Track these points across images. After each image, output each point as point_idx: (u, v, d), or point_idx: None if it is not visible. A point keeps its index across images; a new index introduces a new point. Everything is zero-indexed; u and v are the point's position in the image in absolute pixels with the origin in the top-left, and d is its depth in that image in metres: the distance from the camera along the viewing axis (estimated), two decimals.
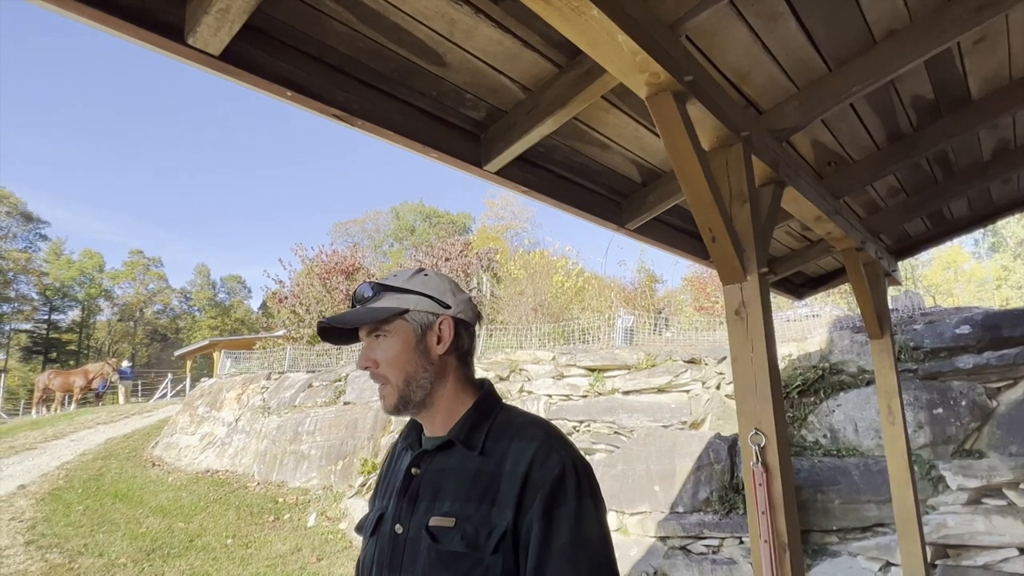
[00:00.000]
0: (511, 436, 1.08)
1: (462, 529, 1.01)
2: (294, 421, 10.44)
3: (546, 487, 1.00)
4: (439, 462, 1.11)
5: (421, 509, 1.07)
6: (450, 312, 1.16)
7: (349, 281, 17.83)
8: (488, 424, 1.12)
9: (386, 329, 1.14)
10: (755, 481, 1.77)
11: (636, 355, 8.29)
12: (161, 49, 1.42)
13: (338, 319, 1.16)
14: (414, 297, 1.15)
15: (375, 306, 1.15)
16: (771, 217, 2.20)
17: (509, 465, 1.04)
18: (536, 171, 2.47)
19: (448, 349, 1.15)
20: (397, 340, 1.13)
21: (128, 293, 53.35)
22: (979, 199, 3.88)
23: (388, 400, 1.13)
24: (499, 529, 0.99)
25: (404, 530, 1.07)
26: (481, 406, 1.15)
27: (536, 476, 1.01)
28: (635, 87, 1.67)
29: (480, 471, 1.06)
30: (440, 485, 1.08)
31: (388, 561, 1.07)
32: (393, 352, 1.13)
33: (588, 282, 17.12)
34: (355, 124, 1.80)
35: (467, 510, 1.02)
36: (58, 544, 7.06)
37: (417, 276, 1.19)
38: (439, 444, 1.12)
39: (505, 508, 1.00)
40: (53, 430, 14.91)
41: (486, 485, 1.04)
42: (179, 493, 9.58)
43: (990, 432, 5.38)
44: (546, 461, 1.02)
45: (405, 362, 1.12)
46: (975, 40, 2.19)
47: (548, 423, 1.14)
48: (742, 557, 5.34)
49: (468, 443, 1.09)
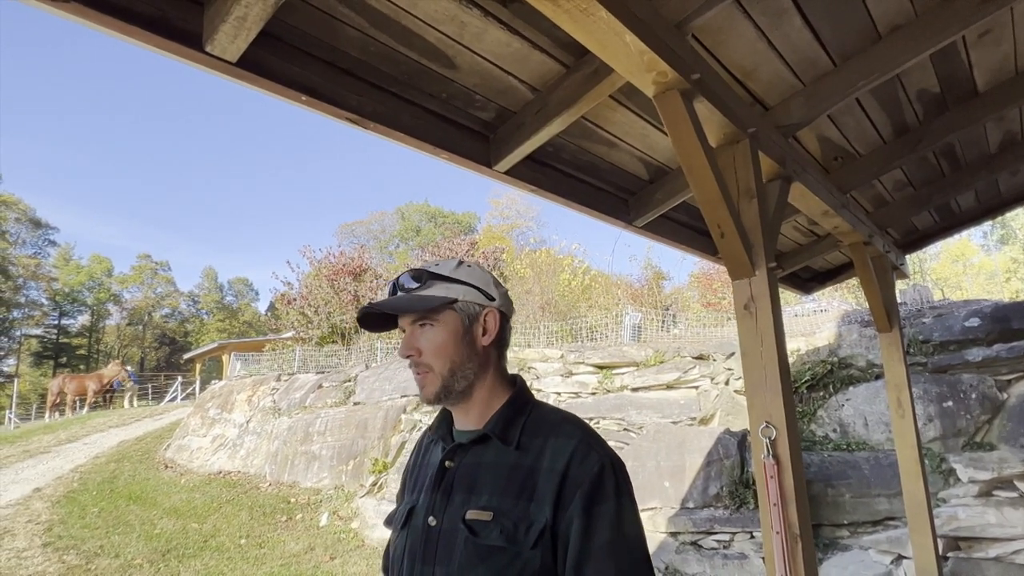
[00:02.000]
0: (547, 433, 1.08)
1: (500, 523, 1.01)
2: (305, 422, 10.50)
3: (586, 484, 1.00)
4: (474, 456, 1.11)
5: (456, 502, 1.07)
6: (494, 304, 1.16)
7: (357, 282, 17.87)
8: (523, 419, 1.12)
9: (435, 318, 1.12)
10: (766, 474, 1.79)
11: (644, 352, 8.30)
12: (180, 57, 1.46)
13: (387, 305, 1.14)
14: (462, 287, 1.14)
15: (424, 294, 1.13)
16: (779, 212, 2.22)
17: (547, 461, 1.04)
18: (545, 170, 2.49)
19: (492, 341, 1.16)
20: (444, 329, 1.12)
21: (136, 297, 53.77)
22: (987, 192, 3.88)
23: (429, 389, 1.12)
24: (538, 524, 0.99)
25: (438, 522, 1.07)
26: (516, 401, 1.15)
27: (575, 473, 1.01)
28: (643, 86, 1.69)
29: (517, 466, 1.06)
30: (476, 479, 1.08)
31: (421, 553, 1.06)
32: (439, 341, 1.11)
33: (595, 280, 17.13)
34: (367, 127, 1.83)
35: (505, 504, 1.02)
36: (75, 546, 7.14)
37: (462, 267, 1.17)
38: (474, 438, 1.12)
39: (544, 504, 1.00)
40: (66, 434, 15.06)
41: (523, 480, 1.04)
42: (192, 494, 9.66)
43: (1001, 424, 5.37)
44: (585, 459, 1.03)
45: (451, 352, 1.11)
46: (980, 33, 2.20)
47: (583, 421, 1.14)
48: (753, 552, 5.35)
49: (504, 438, 1.09)
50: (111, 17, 1.31)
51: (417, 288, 1.13)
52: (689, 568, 5.51)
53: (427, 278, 1.14)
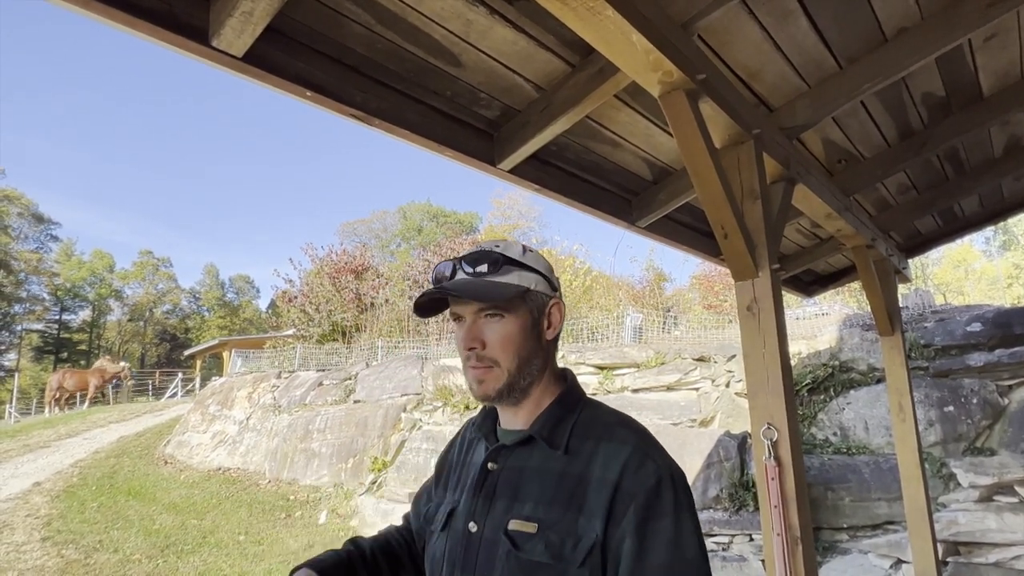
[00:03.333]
0: (599, 436, 0.98)
1: (545, 537, 0.91)
2: (305, 419, 10.51)
3: (640, 497, 0.90)
4: (518, 459, 1.01)
5: (499, 509, 0.98)
6: (558, 295, 1.08)
7: (359, 281, 17.90)
8: (572, 420, 1.02)
9: (506, 308, 1.00)
10: (767, 475, 1.79)
11: (645, 353, 8.30)
12: (186, 51, 1.46)
13: (456, 290, 1.00)
14: (534, 275, 1.03)
15: (498, 280, 1.00)
16: (782, 214, 2.21)
17: (598, 469, 0.94)
18: (548, 169, 2.49)
19: (555, 335, 1.07)
20: (515, 321, 1.01)
21: (138, 293, 53.79)
22: (990, 196, 3.88)
23: (491, 385, 1.00)
24: (587, 540, 0.89)
25: (479, 529, 0.98)
26: (565, 399, 1.05)
27: (629, 484, 0.91)
28: (648, 86, 1.69)
29: (565, 473, 0.96)
30: (520, 484, 0.98)
31: (461, 561, 0.98)
32: (509, 334, 1.00)
33: (596, 281, 17.12)
34: (372, 124, 1.83)
35: (551, 516, 0.92)
36: (74, 540, 7.15)
37: (528, 252, 1.06)
38: (519, 440, 1.02)
39: (593, 518, 0.90)
40: (66, 428, 15.07)
41: (572, 490, 0.94)
42: (191, 490, 9.67)
43: (1002, 430, 5.36)
44: (640, 468, 0.92)
45: (520, 346, 1.00)
46: (986, 37, 2.20)
47: (640, 425, 1.02)
48: (752, 554, 5.35)
49: (551, 441, 0.99)
50: (118, 11, 1.31)
51: (488, 273, 1.01)
52: None
53: (503, 263, 1.01)
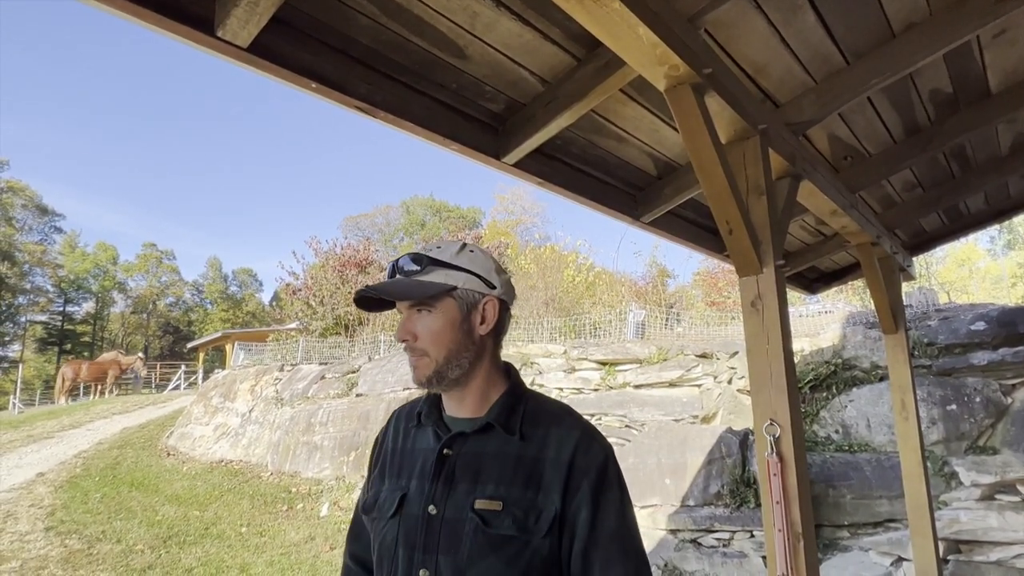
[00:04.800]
0: (548, 423, 1.10)
1: (511, 513, 1.02)
2: (307, 412, 10.53)
3: (592, 473, 1.05)
4: (475, 444, 1.10)
5: (460, 491, 1.05)
6: (495, 293, 1.14)
7: (363, 274, 17.92)
8: (522, 409, 1.12)
9: (432, 304, 1.10)
10: (769, 471, 1.79)
11: (647, 349, 8.29)
12: (191, 41, 1.45)
13: (383, 290, 1.11)
14: (463, 275, 1.11)
15: (423, 279, 1.10)
16: (787, 210, 2.21)
17: (552, 452, 1.06)
18: (553, 163, 2.48)
19: (490, 331, 1.14)
20: (442, 316, 1.10)
21: (141, 286, 54.01)
22: (996, 194, 3.86)
23: (422, 372, 1.10)
24: (548, 513, 1.02)
25: (439, 511, 1.05)
26: (515, 391, 1.16)
27: (581, 463, 1.05)
28: (654, 79, 1.68)
29: (521, 456, 1.06)
30: (480, 468, 1.07)
31: (422, 542, 1.04)
32: (436, 328, 1.09)
33: (599, 277, 17.11)
34: (377, 116, 1.83)
35: (513, 494, 1.03)
36: (77, 530, 7.19)
37: (464, 252, 1.15)
38: (477, 427, 1.10)
39: (552, 493, 1.03)
40: (70, 419, 15.16)
41: (530, 470, 1.05)
42: (194, 482, 9.71)
43: (1004, 429, 5.35)
44: (589, 449, 1.07)
45: (448, 340, 1.10)
46: (995, 33, 2.18)
47: (578, 413, 1.16)
48: (753, 551, 5.35)
49: (507, 427, 1.09)
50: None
51: (416, 272, 1.11)
52: (688, 566, 5.52)
53: (427, 263, 1.11)
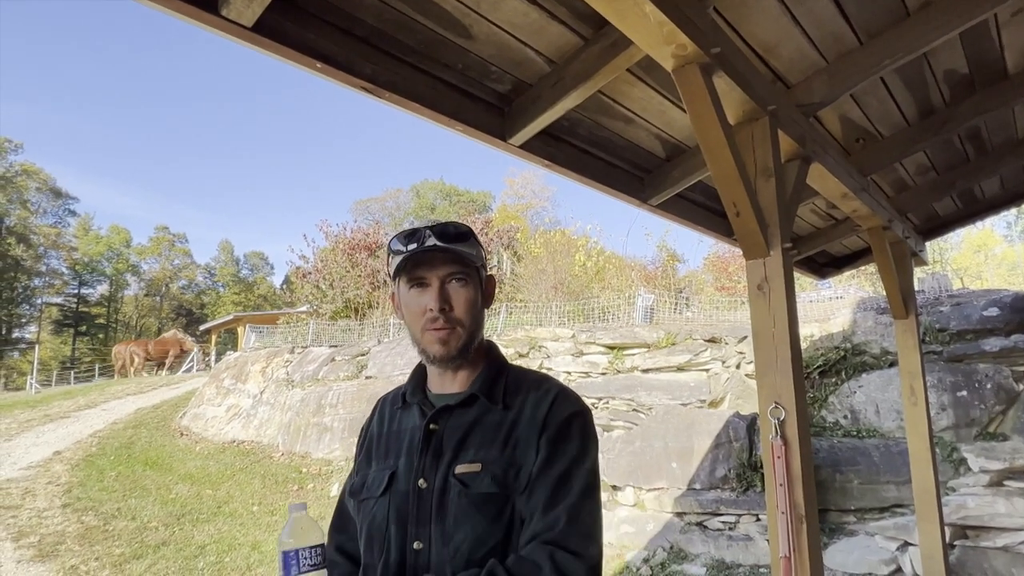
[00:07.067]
0: (528, 389, 1.14)
1: (491, 472, 1.04)
2: (317, 394, 10.64)
3: (557, 423, 1.08)
4: (459, 417, 1.12)
5: (446, 461, 1.08)
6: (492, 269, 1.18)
7: (373, 258, 17.97)
8: (503, 379, 1.16)
9: (468, 274, 1.13)
10: (774, 454, 1.79)
11: (656, 334, 8.29)
12: (195, 20, 1.45)
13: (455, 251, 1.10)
14: (481, 250, 1.18)
15: (465, 250, 1.12)
16: (796, 193, 2.18)
17: (529, 411, 1.10)
18: (560, 145, 2.47)
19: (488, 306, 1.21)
20: (473, 289, 1.14)
21: (154, 268, 54.44)
22: (1013, 178, 3.79)
23: (453, 344, 1.11)
24: (526, 468, 1.04)
25: (429, 484, 1.07)
26: (496, 362, 1.20)
27: (551, 418, 1.08)
28: (662, 59, 1.66)
29: (502, 422, 1.10)
30: (465, 438, 1.09)
31: (415, 516, 1.06)
32: (471, 298, 1.13)
33: (609, 261, 17.04)
34: (382, 96, 1.82)
35: (491, 455, 1.06)
36: (93, 507, 7.34)
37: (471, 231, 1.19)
38: (461, 400, 1.13)
39: (529, 448, 1.06)
40: (85, 400, 15.40)
41: (508, 432, 1.08)
42: (206, 462, 9.87)
43: (1015, 415, 5.31)
44: (561, 405, 1.10)
45: (477, 311, 1.15)
46: (1013, 12, 2.13)
47: (555, 379, 1.20)
48: (758, 534, 5.38)
49: (491, 397, 1.12)
50: None
51: (462, 241, 1.12)
52: (694, 548, 5.56)
53: (470, 235, 1.14)
